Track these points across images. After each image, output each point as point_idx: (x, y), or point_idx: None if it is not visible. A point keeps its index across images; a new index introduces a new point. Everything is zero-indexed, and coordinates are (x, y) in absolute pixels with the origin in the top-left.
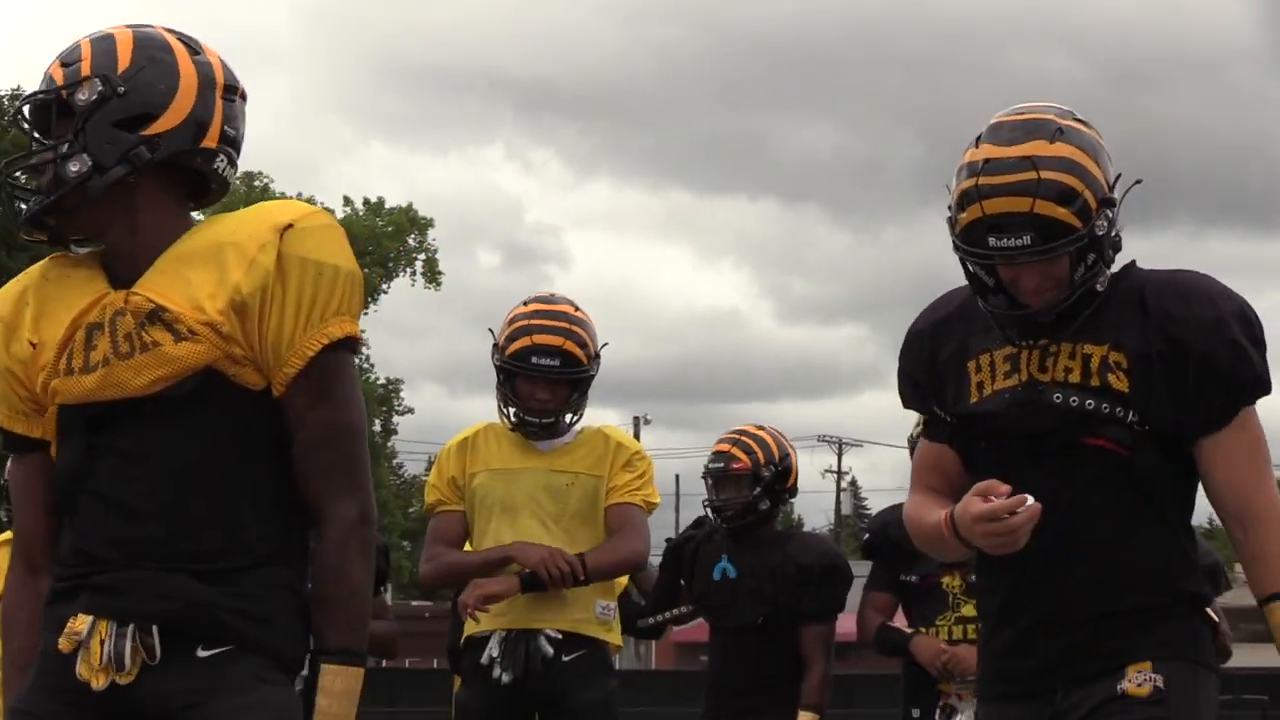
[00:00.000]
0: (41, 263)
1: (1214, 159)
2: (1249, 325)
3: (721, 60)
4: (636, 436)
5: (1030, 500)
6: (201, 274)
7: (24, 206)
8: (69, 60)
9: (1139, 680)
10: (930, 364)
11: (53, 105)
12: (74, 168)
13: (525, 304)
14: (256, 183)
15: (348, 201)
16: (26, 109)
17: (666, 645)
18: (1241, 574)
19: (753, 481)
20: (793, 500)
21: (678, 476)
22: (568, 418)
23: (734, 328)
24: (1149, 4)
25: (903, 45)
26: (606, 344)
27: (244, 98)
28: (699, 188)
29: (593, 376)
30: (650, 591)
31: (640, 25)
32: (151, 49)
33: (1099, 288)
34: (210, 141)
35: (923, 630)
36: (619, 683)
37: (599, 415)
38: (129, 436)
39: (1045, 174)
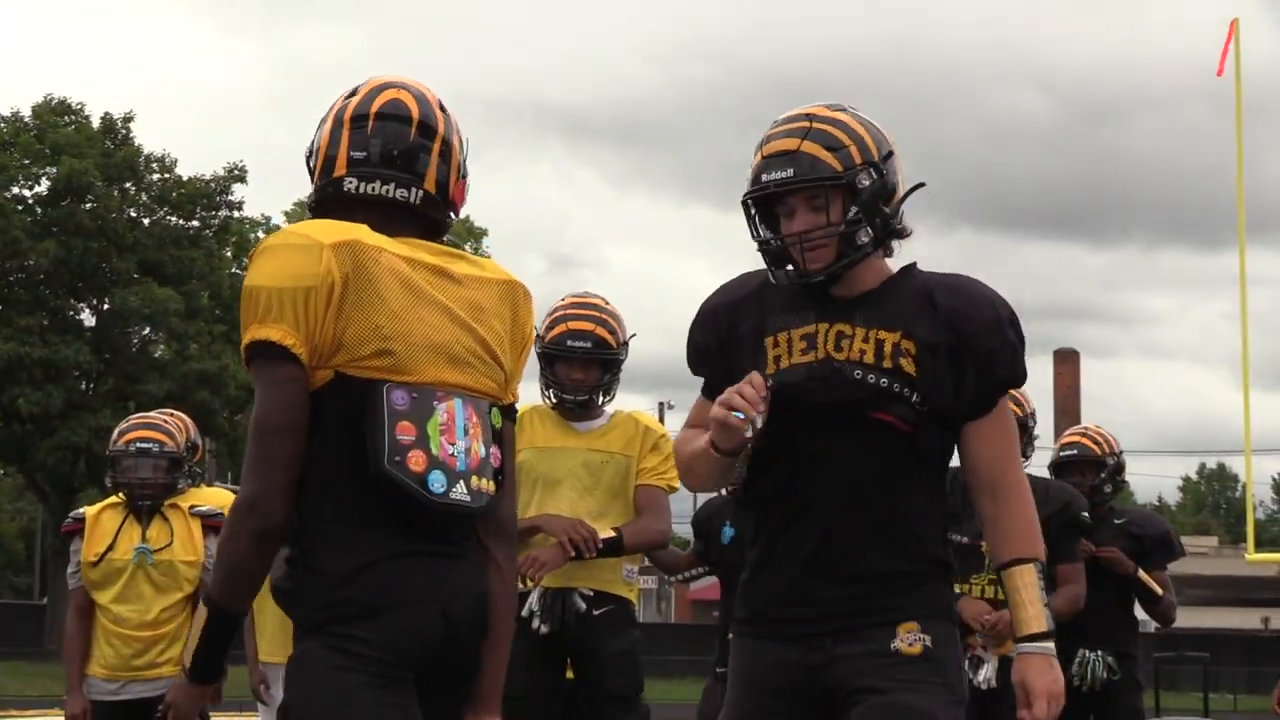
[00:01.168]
0: None
1: (1168, 184)
2: (1018, 328)
3: (739, 94)
4: (661, 419)
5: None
6: None
7: None
8: None
9: (910, 640)
10: (726, 337)
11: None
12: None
13: (562, 298)
14: None
15: None
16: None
17: (684, 602)
18: (1188, 544)
19: None
20: None
21: None
22: (600, 398)
23: None
24: (1112, 47)
25: (894, 83)
26: (635, 334)
27: (384, 118)
28: (719, 204)
29: (622, 360)
30: (664, 560)
31: (669, 63)
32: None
33: (860, 240)
34: (340, 170)
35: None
36: (642, 634)
37: (629, 400)
38: None
39: (816, 125)
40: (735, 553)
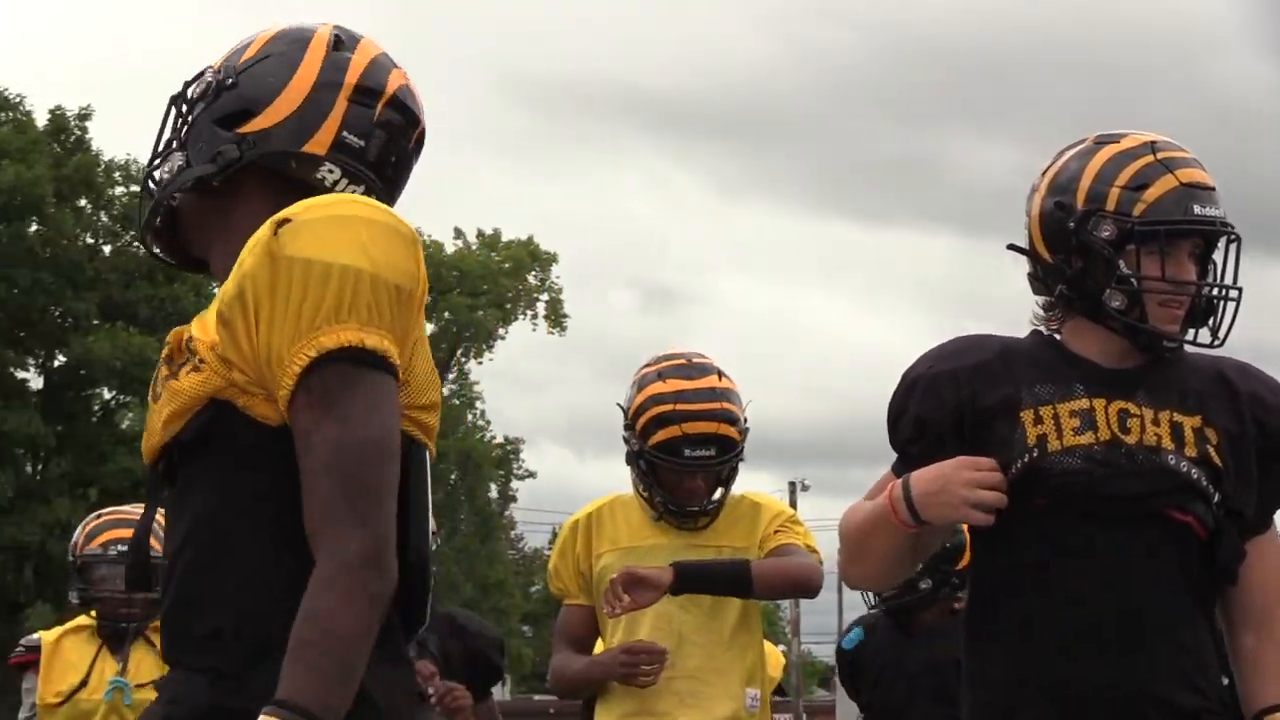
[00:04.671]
0: None
1: None
2: None
3: (889, 70)
4: (793, 504)
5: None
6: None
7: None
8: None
9: None
10: (965, 409)
11: (179, 103)
12: (165, 169)
13: (662, 376)
14: None
15: (459, 233)
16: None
17: None
18: None
19: None
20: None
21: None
22: (716, 496)
23: None
24: None
25: (1092, 54)
26: (751, 400)
27: (395, 108)
28: (864, 217)
29: (743, 448)
30: None
31: (794, 29)
32: (285, 41)
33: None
34: (316, 147)
35: None
36: None
37: (749, 479)
38: (174, 491)
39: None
40: (897, 692)
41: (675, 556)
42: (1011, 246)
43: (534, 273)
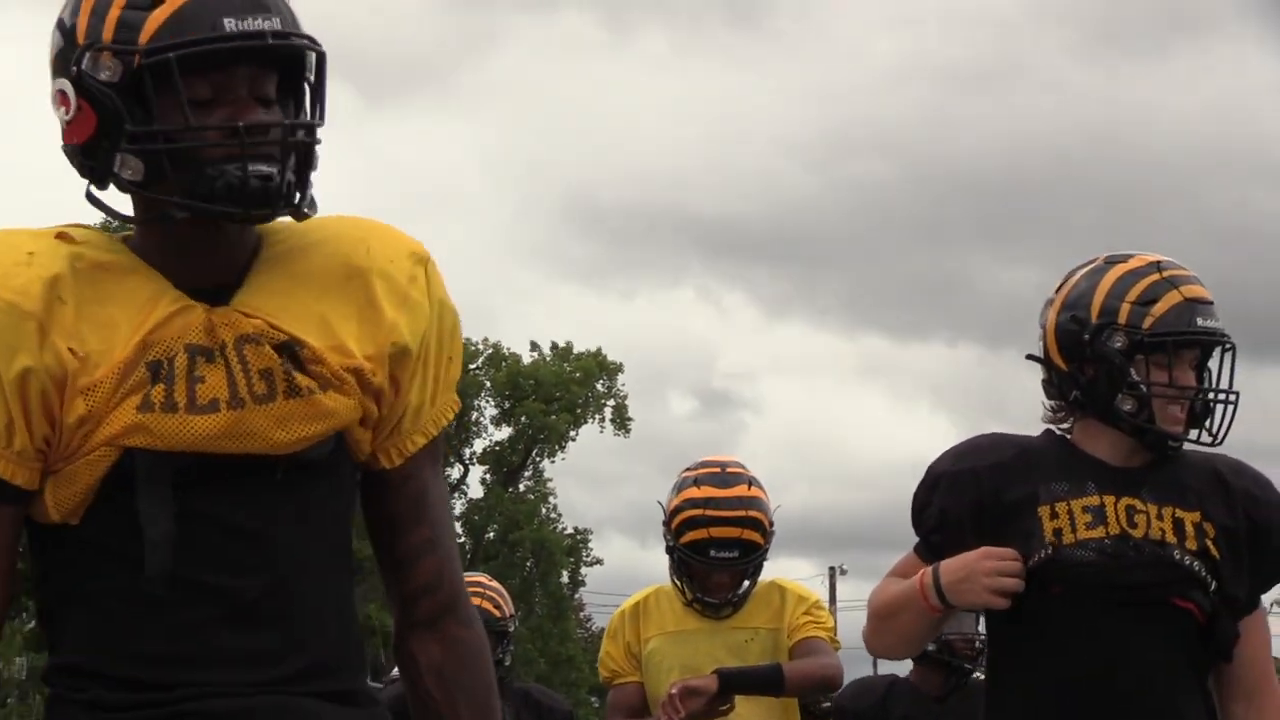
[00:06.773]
0: (55, 244)
1: None
2: None
3: (918, 197)
4: (832, 588)
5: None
6: (335, 304)
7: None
8: (288, 11)
9: None
10: (986, 505)
11: (319, 64)
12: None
13: (697, 482)
14: None
15: (535, 346)
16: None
17: None
18: None
19: None
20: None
21: None
22: (742, 589)
23: None
24: None
25: (1097, 178)
26: (779, 506)
27: None
28: (895, 332)
29: (768, 549)
30: None
31: (833, 163)
32: None
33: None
34: None
35: None
36: None
37: (792, 566)
38: (238, 507)
39: None
40: None
41: (713, 639)
42: (1030, 357)
43: (601, 381)
